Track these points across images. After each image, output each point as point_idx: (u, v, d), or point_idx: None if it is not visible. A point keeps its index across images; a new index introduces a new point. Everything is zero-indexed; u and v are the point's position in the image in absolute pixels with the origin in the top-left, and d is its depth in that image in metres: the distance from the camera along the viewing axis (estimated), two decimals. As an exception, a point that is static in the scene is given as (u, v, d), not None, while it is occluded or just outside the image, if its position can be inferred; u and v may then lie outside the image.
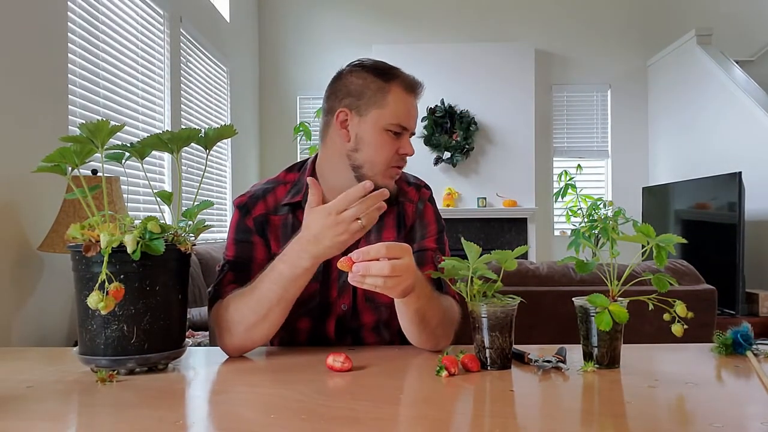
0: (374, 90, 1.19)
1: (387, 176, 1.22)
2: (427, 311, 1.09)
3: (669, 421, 0.78)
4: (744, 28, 5.43)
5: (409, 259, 0.98)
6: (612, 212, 3.92)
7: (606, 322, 0.94)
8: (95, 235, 0.93)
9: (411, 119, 1.22)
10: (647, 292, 1.01)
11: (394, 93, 1.20)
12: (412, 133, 1.24)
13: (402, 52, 5.44)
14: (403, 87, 1.21)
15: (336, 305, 1.25)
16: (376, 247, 0.95)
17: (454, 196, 5.43)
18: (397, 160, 1.22)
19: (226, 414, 0.80)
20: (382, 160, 1.20)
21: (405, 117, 1.20)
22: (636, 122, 5.73)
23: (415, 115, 1.24)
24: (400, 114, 1.20)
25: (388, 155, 1.20)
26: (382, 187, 1.17)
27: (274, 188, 1.28)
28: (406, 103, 1.21)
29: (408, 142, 1.22)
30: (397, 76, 1.22)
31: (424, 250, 1.27)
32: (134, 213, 2.92)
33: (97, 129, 0.93)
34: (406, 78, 1.22)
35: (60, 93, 2.37)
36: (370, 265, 0.95)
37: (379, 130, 1.19)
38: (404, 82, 1.21)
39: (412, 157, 1.24)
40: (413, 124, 1.23)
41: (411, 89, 1.22)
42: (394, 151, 1.21)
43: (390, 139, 1.20)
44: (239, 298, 1.12)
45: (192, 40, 3.95)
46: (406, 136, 1.22)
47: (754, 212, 3.89)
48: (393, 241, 0.99)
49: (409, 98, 1.22)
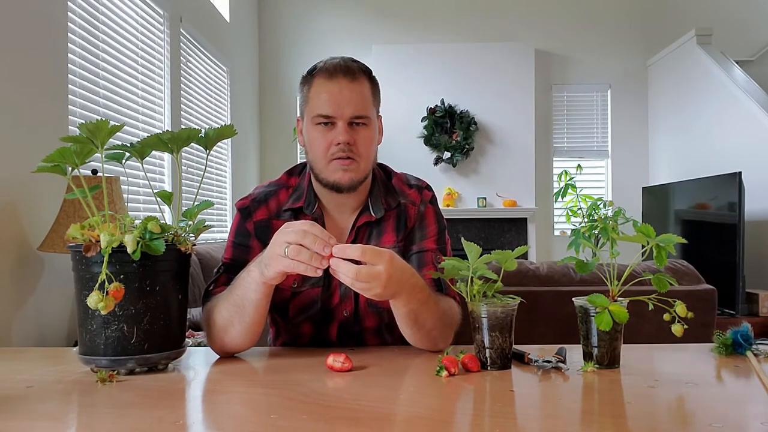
0: (305, 89, 1.21)
1: (332, 170, 1.18)
2: (420, 314, 1.08)
3: (669, 421, 0.78)
4: (744, 28, 5.43)
5: (382, 268, 0.95)
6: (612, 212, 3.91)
7: (606, 322, 0.94)
8: (95, 235, 0.93)
9: (334, 105, 1.16)
10: (647, 292, 1.01)
11: (315, 85, 1.18)
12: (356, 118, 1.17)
13: (402, 52, 5.44)
14: (323, 76, 1.17)
15: (338, 311, 1.25)
16: (353, 247, 0.95)
17: (454, 196, 5.43)
18: (335, 151, 1.17)
19: (226, 414, 0.80)
20: (319, 155, 1.19)
21: (324, 105, 1.16)
22: (636, 122, 5.73)
23: (345, 99, 1.16)
24: (320, 104, 1.17)
25: (321, 148, 1.18)
26: (332, 182, 1.19)
27: (277, 191, 1.28)
28: (326, 91, 1.16)
29: (341, 130, 1.16)
30: (320, 67, 1.19)
31: (423, 251, 1.26)
32: (134, 213, 2.93)
33: (96, 129, 0.93)
34: (328, 65, 1.18)
35: (60, 93, 2.37)
36: (340, 263, 0.95)
37: (310, 126, 1.20)
38: (324, 70, 1.18)
39: (412, 157, 1.23)
40: (343, 110, 1.16)
41: (332, 75, 1.17)
42: (326, 143, 1.17)
43: (320, 132, 1.18)
44: (221, 298, 1.12)
45: (192, 40, 3.95)
46: (340, 124, 1.17)
47: (754, 212, 3.89)
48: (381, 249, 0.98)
49: (331, 84, 1.16)
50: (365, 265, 0.95)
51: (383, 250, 0.98)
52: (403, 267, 1.02)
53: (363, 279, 0.95)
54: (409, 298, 1.04)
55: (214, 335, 1.11)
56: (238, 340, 1.10)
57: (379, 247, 0.98)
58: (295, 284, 1.23)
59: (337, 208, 1.27)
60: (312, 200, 1.26)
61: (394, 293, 1.02)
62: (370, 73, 1.24)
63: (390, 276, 0.97)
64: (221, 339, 1.11)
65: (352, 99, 1.17)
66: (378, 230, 1.26)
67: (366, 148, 1.20)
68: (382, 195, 1.28)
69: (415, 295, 1.05)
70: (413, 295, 1.05)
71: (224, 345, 1.12)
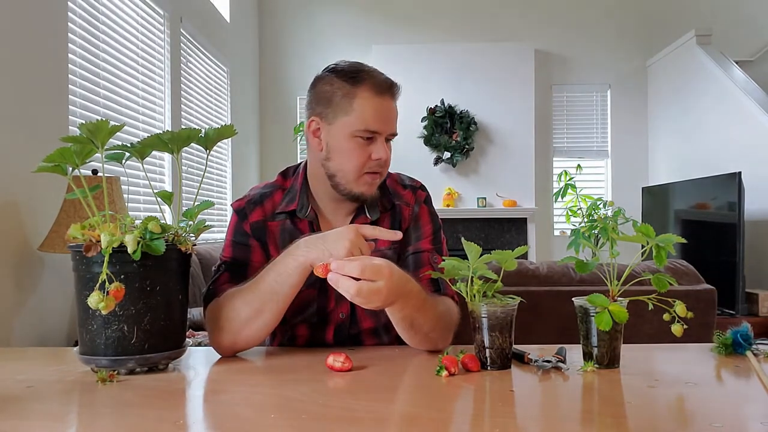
0: (341, 96, 1.17)
1: (361, 183, 1.19)
2: (416, 319, 1.08)
3: (669, 421, 0.78)
4: (744, 28, 5.43)
5: (382, 283, 0.96)
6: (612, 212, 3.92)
7: (606, 322, 0.94)
8: (96, 235, 0.94)
9: (381, 122, 1.16)
10: (647, 292, 1.01)
11: (361, 97, 1.16)
12: (392, 135, 1.20)
13: (402, 52, 5.44)
14: (371, 90, 1.16)
15: (334, 313, 1.25)
16: (352, 265, 0.95)
17: (454, 196, 5.43)
18: (371, 166, 1.18)
19: (226, 414, 0.80)
20: (353, 168, 1.17)
21: (373, 121, 1.15)
22: (636, 122, 5.73)
23: (390, 116, 1.18)
24: (367, 119, 1.15)
25: (358, 162, 1.17)
26: (358, 194, 1.19)
27: (272, 193, 1.27)
28: (374, 107, 1.16)
29: (381, 145, 1.17)
30: (365, 79, 1.16)
31: (420, 252, 1.26)
32: (134, 213, 2.93)
33: (97, 129, 0.93)
34: (376, 79, 1.17)
35: (60, 93, 2.37)
36: (340, 279, 0.95)
37: (347, 137, 1.16)
38: (373, 84, 1.16)
39: (412, 157, 1.23)
40: (387, 127, 1.17)
41: (381, 91, 1.16)
42: (365, 157, 1.17)
43: (360, 146, 1.16)
44: (235, 293, 1.11)
45: (192, 40, 3.95)
46: (380, 140, 1.17)
47: (754, 212, 3.89)
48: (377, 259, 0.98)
49: (379, 100, 1.16)
50: (365, 281, 0.95)
51: (381, 264, 0.97)
52: (400, 277, 1.01)
53: (364, 296, 0.95)
54: (403, 304, 1.04)
55: (225, 330, 1.09)
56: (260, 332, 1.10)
57: (377, 261, 0.98)
58: None
59: (333, 212, 1.27)
60: (305, 203, 1.25)
61: (391, 303, 1.02)
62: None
63: (390, 290, 0.97)
64: (237, 333, 1.09)
65: (392, 117, 1.19)
66: None
67: (389, 162, 1.23)
68: (378, 197, 1.28)
69: (410, 301, 1.05)
70: (408, 302, 1.04)
71: (237, 341, 1.10)
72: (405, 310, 1.05)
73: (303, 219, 1.24)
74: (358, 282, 0.94)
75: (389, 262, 1.00)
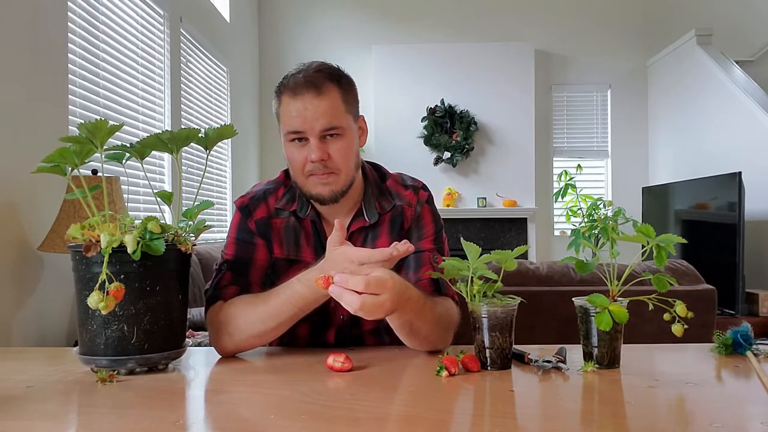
0: (276, 108, 1.21)
1: (312, 185, 1.19)
2: (415, 323, 1.08)
3: (669, 421, 0.78)
4: (744, 28, 5.43)
5: (386, 296, 0.95)
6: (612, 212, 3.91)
7: (606, 322, 0.94)
8: (95, 235, 0.93)
9: (301, 122, 1.14)
10: (647, 292, 1.01)
11: (283, 103, 1.18)
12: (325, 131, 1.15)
13: (402, 52, 5.44)
14: (288, 94, 1.16)
15: (335, 315, 1.25)
16: (355, 280, 0.94)
17: (454, 196, 5.43)
18: (310, 168, 1.16)
19: (226, 414, 0.80)
20: (297, 171, 1.19)
21: (293, 122, 1.15)
22: (636, 122, 5.73)
23: (309, 115, 1.14)
24: (287, 122, 1.17)
25: (297, 165, 1.18)
26: (315, 195, 1.19)
27: (275, 189, 1.27)
28: (293, 108, 1.15)
29: (313, 146, 1.15)
30: (285, 85, 1.18)
31: (421, 251, 1.25)
32: (134, 213, 2.92)
33: (96, 129, 0.93)
34: (293, 81, 1.16)
35: (60, 93, 2.37)
36: (344, 293, 0.94)
37: (286, 142, 1.19)
38: (289, 88, 1.16)
39: (412, 157, 1.23)
40: (310, 125, 1.14)
41: (296, 92, 1.15)
42: (302, 159, 1.17)
43: (295, 148, 1.18)
44: (248, 306, 1.12)
45: (192, 40, 3.95)
46: (312, 140, 1.15)
47: (754, 212, 3.89)
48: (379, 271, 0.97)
49: (296, 101, 1.15)
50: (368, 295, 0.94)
51: (384, 277, 0.96)
52: (401, 286, 1.00)
53: (368, 310, 0.95)
54: (403, 311, 1.03)
55: (234, 338, 1.12)
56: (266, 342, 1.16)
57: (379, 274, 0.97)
58: None
59: (330, 214, 1.26)
60: (305, 202, 1.25)
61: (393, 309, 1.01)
62: (339, 78, 1.19)
63: (392, 302, 0.97)
64: (244, 342, 1.13)
65: (317, 113, 1.14)
66: (373, 234, 1.26)
67: (343, 159, 1.18)
68: (375, 198, 1.27)
69: (409, 307, 1.04)
70: (407, 308, 1.04)
71: (242, 348, 1.15)
72: (404, 317, 1.05)
73: (305, 218, 1.24)
74: (362, 296, 0.94)
75: (390, 272, 0.99)
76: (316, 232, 1.25)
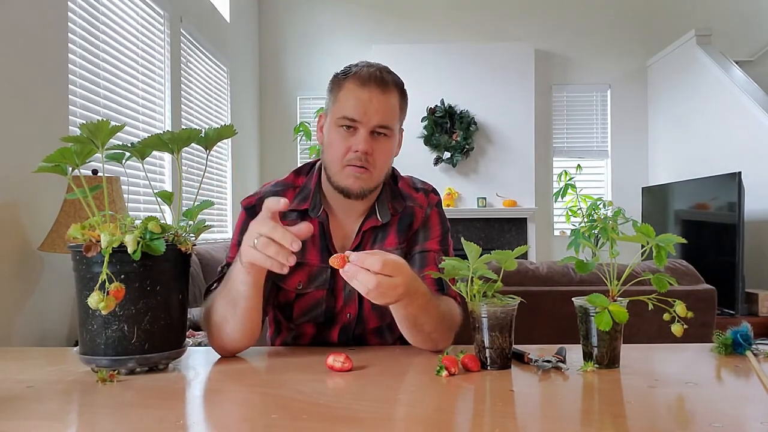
0: (335, 89, 1.21)
1: (345, 176, 1.18)
2: (419, 318, 1.08)
3: (669, 421, 0.78)
4: (744, 28, 5.43)
5: (400, 279, 0.96)
6: (612, 212, 3.92)
7: (606, 322, 0.94)
8: (96, 235, 0.93)
9: (361, 112, 1.16)
10: (647, 292, 1.01)
11: (345, 89, 1.18)
12: (379, 128, 1.17)
13: (402, 52, 5.44)
14: (356, 81, 1.17)
15: (341, 314, 1.25)
16: (372, 259, 0.94)
17: (454, 196, 5.43)
18: (351, 158, 1.17)
19: (227, 414, 0.80)
20: (335, 158, 1.18)
21: (352, 109, 1.16)
22: (636, 122, 5.73)
23: (371, 108, 1.16)
24: (347, 106, 1.17)
25: (338, 152, 1.18)
26: (343, 187, 1.18)
27: (284, 191, 1.27)
28: (355, 96, 1.16)
29: (361, 138, 1.16)
30: (354, 72, 1.19)
31: (426, 252, 1.26)
32: (134, 213, 2.92)
33: (97, 129, 0.93)
34: (363, 71, 1.18)
35: (60, 93, 2.37)
36: (359, 272, 0.94)
37: (333, 126, 1.19)
38: (358, 76, 1.18)
39: (412, 157, 1.23)
40: (367, 117, 1.16)
41: (364, 82, 1.17)
42: (345, 147, 1.17)
43: (342, 135, 1.18)
44: (216, 296, 1.11)
45: (192, 40, 3.95)
46: (362, 132, 1.17)
47: (754, 212, 3.89)
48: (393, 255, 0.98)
49: (362, 90, 1.17)
50: (383, 276, 0.94)
51: (400, 262, 0.97)
52: (413, 274, 1.02)
53: (382, 290, 0.94)
54: (409, 302, 1.04)
55: (213, 333, 1.11)
56: (234, 337, 1.08)
57: (393, 257, 0.97)
58: (300, 285, 1.23)
59: (344, 212, 1.27)
60: (318, 202, 1.25)
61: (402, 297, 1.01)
62: (401, 87, 1.23)
63: (405, 287, 0.98)
64: (219, 337, 1.10)
65: (379, 108, 1.17)
66: (383, 233, 1.27)
67: (383, 159, 1.20)
68: (389, 200, 1.28)
69: (416, 300, 1.05)
70: (414, 300, 1.04)
71: (224, 344, 1.11)
72: (410, 308, 1.05)
73: (314, 219, 1.24)
74: (377, 275, 0.93)
75: (404, 261, 1.00)
76: (322, 233, 1.24)
